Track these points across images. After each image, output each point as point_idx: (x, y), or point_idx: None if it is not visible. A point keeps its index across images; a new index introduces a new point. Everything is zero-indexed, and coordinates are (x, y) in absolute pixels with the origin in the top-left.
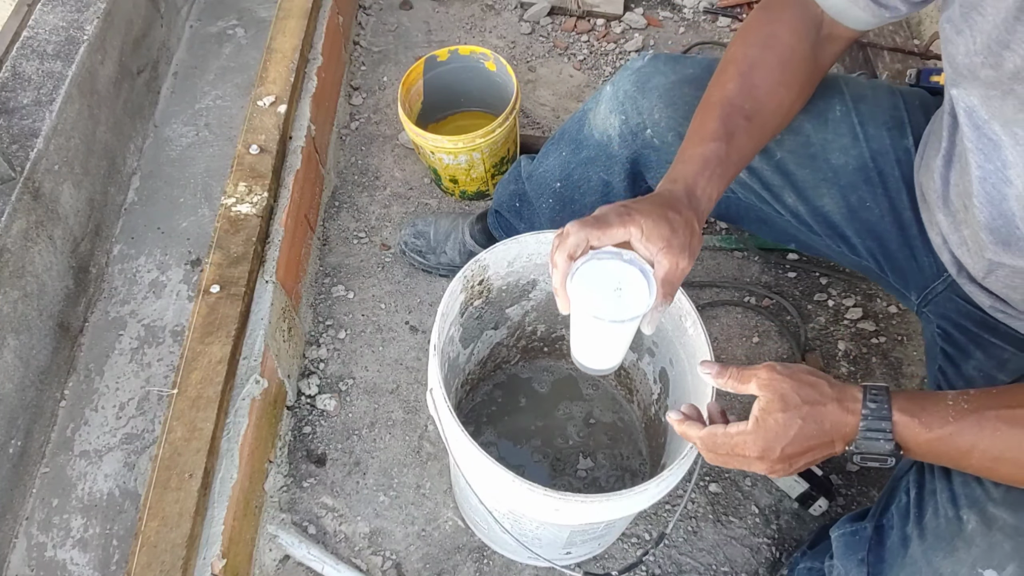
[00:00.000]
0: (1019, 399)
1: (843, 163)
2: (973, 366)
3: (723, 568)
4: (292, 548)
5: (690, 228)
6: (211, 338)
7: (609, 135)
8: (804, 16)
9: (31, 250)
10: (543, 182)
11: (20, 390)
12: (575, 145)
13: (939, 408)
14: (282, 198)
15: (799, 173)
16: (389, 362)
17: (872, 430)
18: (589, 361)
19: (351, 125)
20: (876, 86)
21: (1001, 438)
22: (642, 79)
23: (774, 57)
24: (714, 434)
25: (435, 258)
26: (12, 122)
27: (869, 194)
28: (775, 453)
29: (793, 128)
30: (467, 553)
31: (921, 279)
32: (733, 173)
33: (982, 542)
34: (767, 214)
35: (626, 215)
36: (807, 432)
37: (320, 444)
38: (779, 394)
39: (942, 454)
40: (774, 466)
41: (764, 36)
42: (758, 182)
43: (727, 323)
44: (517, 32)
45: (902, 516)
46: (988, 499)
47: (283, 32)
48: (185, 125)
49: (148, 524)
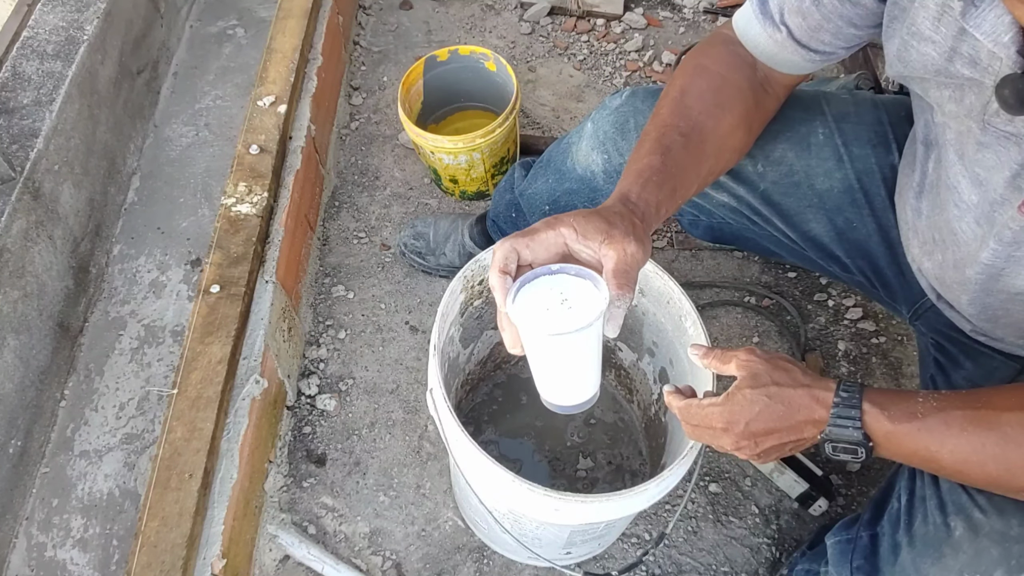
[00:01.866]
0: (986, 400)
1: (828, 187)
2: (962, 375)
3: (723, 568)
4: (292, 548)
5: (627, 220)
6: (211, 338)
7: (593, 171)
8: (734, 53)
9: (31, 250)
10: (533, 203)
11: (20, 390)
12: (559, 176)
13: (908, 404)
14: (282, 198)
15: (784, 202)
16: (389, 362)
17: (842, 417)
18: (563, 397)
19: (351, 125)
20: (859, 102)
21: (967, 439)
22: (621, 120)
23: (705, 83)
24: (689, 404)
25: (434, 259)
26: (12, 122)
27: (855, 215)
28: (739, 427)
29: (775, 159)
30: (467, 553)
31: (910, 295)
32: (673, 184)
33: (969, 548)
34: (760, 236)
35: (554, 220)
36: (773, 411)
37: (320, 444)
38: (752, 372)
39: (912, 452)
40: (739, 441)
41: (694, 68)
42: (747, 208)
43: (727, 323)
44: (517, 32)
45: (893, 523)
46: (975, 506)
47: (283, 32)
48: (185, 125)
49: (148, 524)
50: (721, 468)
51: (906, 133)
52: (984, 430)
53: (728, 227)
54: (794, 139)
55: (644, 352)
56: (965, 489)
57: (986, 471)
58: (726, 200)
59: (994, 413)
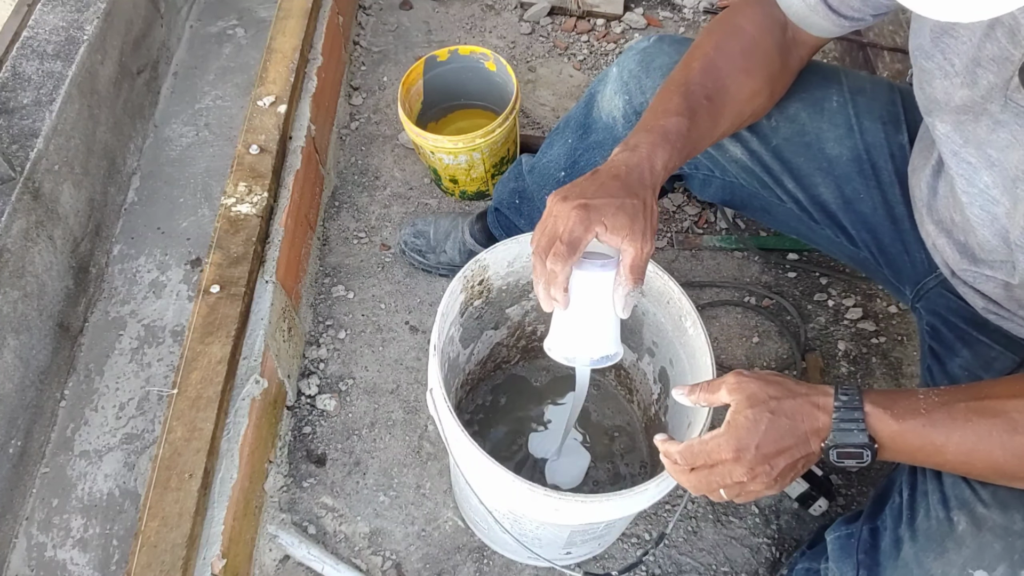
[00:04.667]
0: (989, 390)
1: (837, 154)
2: (959, 364)
3: (723, 568)
4: (292, 548)
5: (648, 210)
6: (211, 338)
7: (614, 116)
8: (769, 14)
9: (31, 250)
10: (546, 172)
11: (20, 390)
12: (583, 130)
13: (910, 401)
14: (282, 198)
15: (795, 160)
16: (389, 362)
17: (845, 420)
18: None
19: (351, 125)
20: (876, 81)
21: (972, 429)
22: (647, 59)
23: (737, 45)
24: (691, 445)
25: (435, 257)
26: (12, 122)
27: (863, 186)
28: (750, 452)
29: (789, 115)
30: (467, 553)
31: (914, 274)
32: (691, 151)
33: (972, 543)
34: (770, 202)
35: (587, 219)
36: (779, 428)
37: (320, 444)
38: (747, 394)
39: (917, 449)
40: (755, 468)
41: (729, 27)
42: (759, 165)
43: (727, 323)
44: (517, 32)
45: (895, 518)
46: (977, 500)
47: (283, 32)
48: (185, 125)
49: (148, 524)
50: None
51: (918, 119)
52: (989, 418)
53: (741, 189)
54: (808, 100)
55: (644, 352)
56: (968, 483)
57: (992, 459)
58: (740, 155)
59: (998, 402)
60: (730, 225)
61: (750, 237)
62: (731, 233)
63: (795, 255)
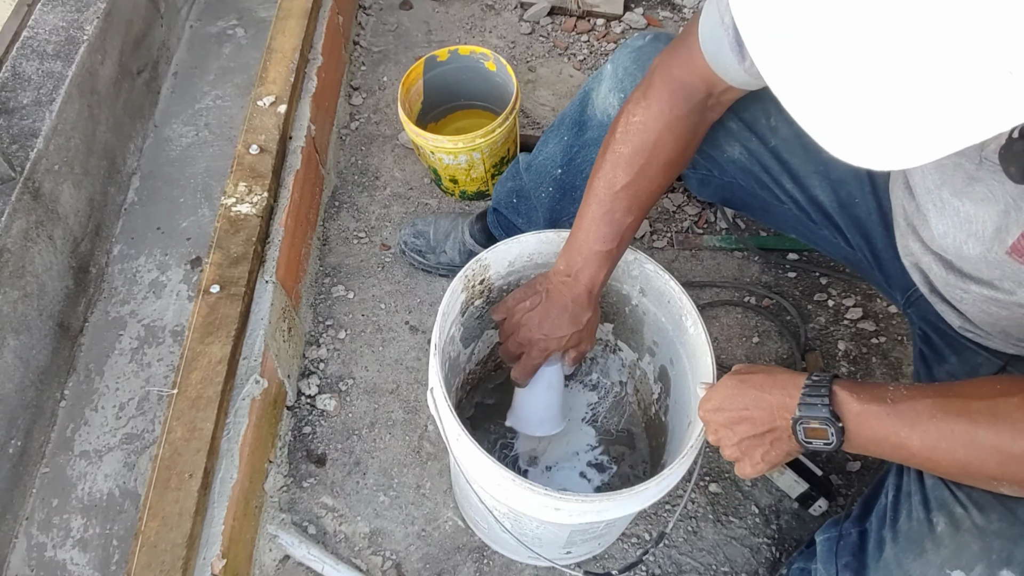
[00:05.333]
0: (959, 389)
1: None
2: (946, 370)
3: (723, 568)
4: (292, 548)
5: (589, 325)
6: (211, 338)
7: (609, 114)
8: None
9: (31, 250)
10: (543, 170)
11: (20, 390)
12: (578, 127)
13: (878, 390)
14: (282, 198)
15: (793, 161)
16: (389, 362)
17: (811, 396)
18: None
19: (351, 125)
20: None
21: (936, 425)
22: (642, 57)
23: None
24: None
25: (435, 258)
26: (12, 122)
27: (858, 191)
28: (720, 414)
29: (788, 117)
30: (467, 553)
31: (903, 282)
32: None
33: (951, 543)
34: (768, 202)
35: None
36: (745, 395)
37: (320, 444)
38: (735, 371)
39: (882, 439)
40: (718, 431)
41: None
42: (758, 165)
43: (727, 323)
44: (517, 32)
45: (880, 519)
46: (956, 501)
47: (283, 32)
48: (185, 125)
49: (148, 524)
50: (721, 468)
51: None
52: (954, 416)
53: (739, 189)
54: None
55: (644, 351)
56: (947, 485)
57: (955, 457)
58: (738, 155)
59: (964, 401)
60: (730, 225)
61: (750, 237)
62: (731, 233)
63: (795, 255)
